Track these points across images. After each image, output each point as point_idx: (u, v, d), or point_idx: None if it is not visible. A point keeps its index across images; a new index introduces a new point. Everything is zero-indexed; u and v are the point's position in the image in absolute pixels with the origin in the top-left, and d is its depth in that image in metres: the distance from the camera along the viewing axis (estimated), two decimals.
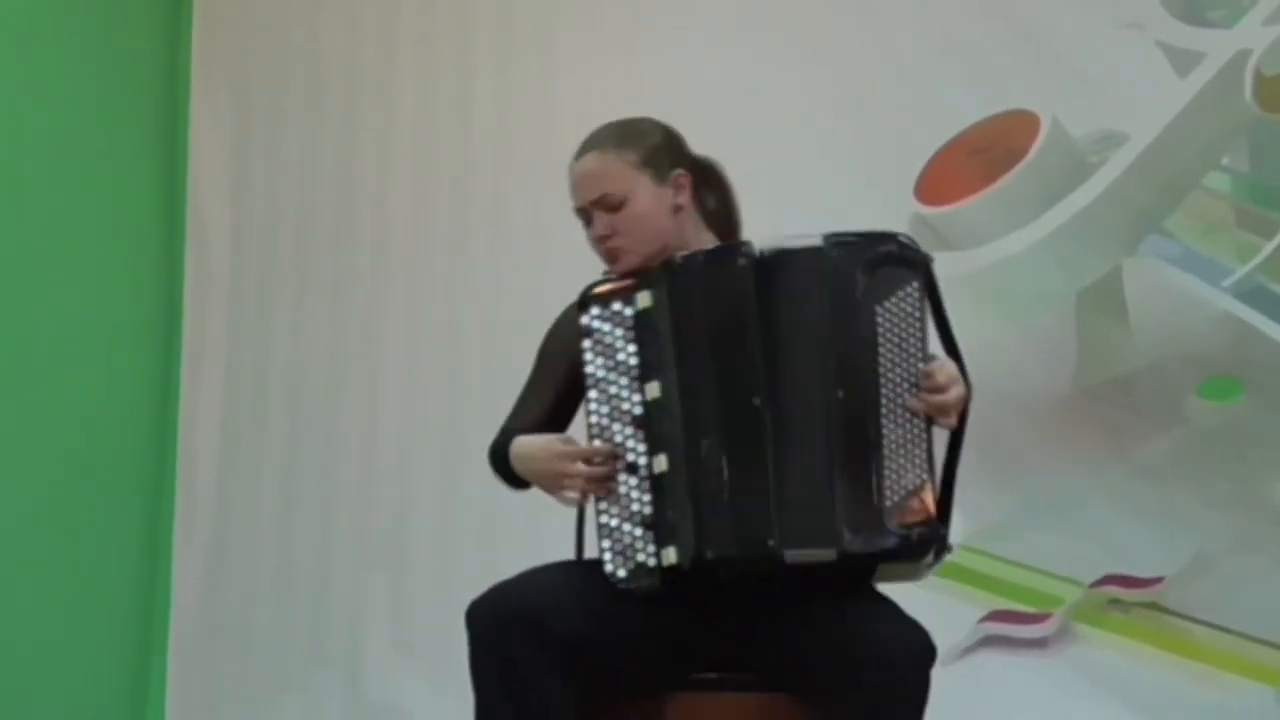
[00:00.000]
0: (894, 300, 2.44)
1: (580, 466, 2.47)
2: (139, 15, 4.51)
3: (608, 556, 2.46)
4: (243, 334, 4.50)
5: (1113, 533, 3.64)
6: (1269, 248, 3.63)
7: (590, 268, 2.69)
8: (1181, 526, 3.64)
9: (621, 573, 2.45)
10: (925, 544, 2.43)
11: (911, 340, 2.44)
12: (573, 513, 2.71)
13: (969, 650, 3.72)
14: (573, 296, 2.79)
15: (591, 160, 2.63)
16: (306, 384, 4.44)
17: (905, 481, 2.41)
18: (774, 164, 3.90)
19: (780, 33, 4.08)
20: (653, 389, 2.47)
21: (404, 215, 4.42)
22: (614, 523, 2.46)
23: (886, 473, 2.41)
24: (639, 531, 2.45)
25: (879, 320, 2.43)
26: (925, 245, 3.83)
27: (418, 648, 4.24)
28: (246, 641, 4.38)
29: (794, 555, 2.40)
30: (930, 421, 2.44)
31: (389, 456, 4.35)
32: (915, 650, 2.36)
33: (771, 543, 2.40)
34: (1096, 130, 3.77)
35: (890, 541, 2.40)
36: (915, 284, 2.45)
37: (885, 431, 2.41)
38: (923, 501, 2.42)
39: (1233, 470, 3.64)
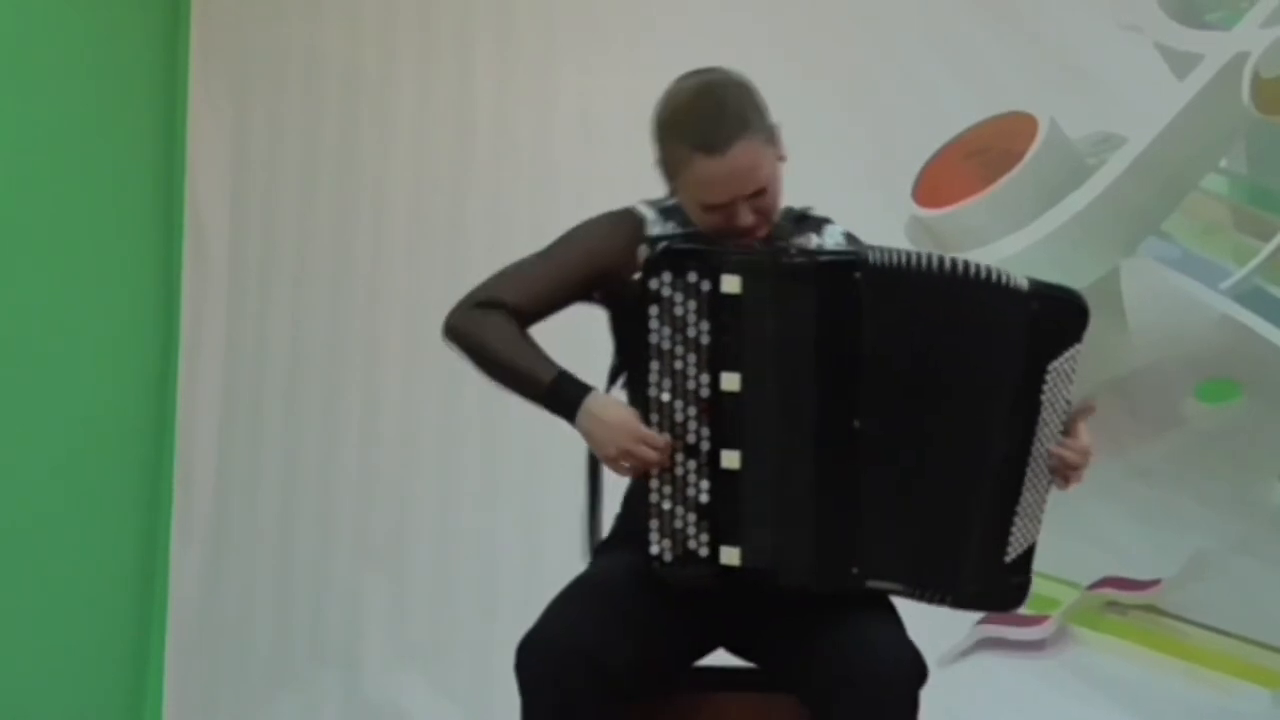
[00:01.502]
0: (1061, 360, 2.35)
1: (651, 453, 2.36)
2: (138, 13, 4.50)
3: (654, 538, 2.36)
4: (241, 333, 4.50)
5: (1110, 535, 3.64)
6: (1267, 250, 3.63)
7: None
8: (1179, 529, 3.64)
9: (668, 556, 2.36)
10: (1022, 597, 2.43)
11: (1062, 399, 2.37)
12: (573, 511, 2.70)
13: (966, 652, 3.73)
14: (640, 206, 2.70)
15: (747, 150, 2.40)
16: (305, 383, 4.43)
17: (1024, 539, 2.38)
18: None
19: (780, 33, 4.08)
20: (731, 380, 2.34)
21: (404, 214, 4.42)
22: (666, 505, 2.37)
23: (1014, 530, 2.37)
24: (692, 518, 2.36)
25: (1047, 380, 2.34)
26: (922, 247, 3.86)
27: (416, 647, 4.24)
28: (245, 641, 4.37)
29: (875, 585, 2.36)
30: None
31: (388, 456, 4.35)
32: (906, 668, 2.32)
33: (856, 571, 2.33)
34: (1094, 132, 3.77)
35: (1000, 599, 2.42)
36: (1079, 345, 2.36)
37: (1025, 491, 2.36)
38: (1029, 559, 2.40)
39: (1230, 472, 3.65)
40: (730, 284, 2.34)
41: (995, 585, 2.39)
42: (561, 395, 2.44)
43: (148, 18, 4.53)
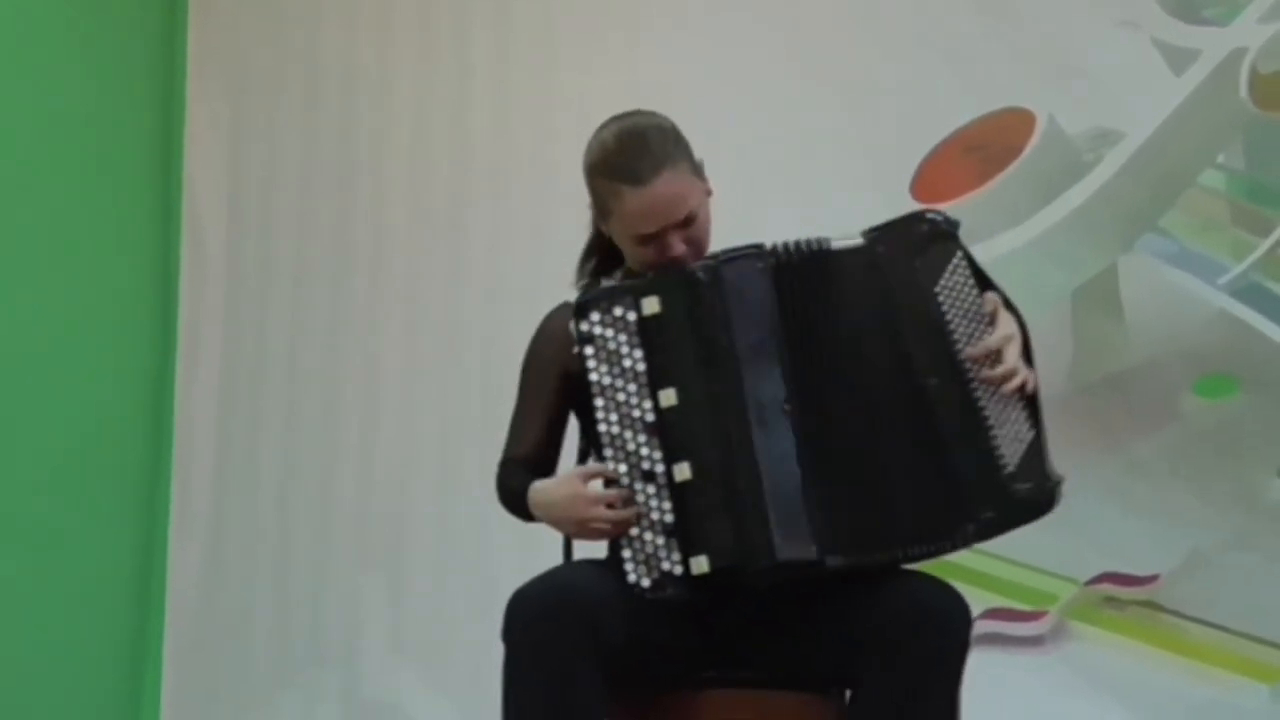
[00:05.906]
0: (946, 276, 2.44)
1: (605, 511, 2.41)
2: (136, 13, 4.51)
3: (629, 566, 2.41)
4: (239, 333, 4.51)
5: (1108, 530, 3.64)
6: (1264, 245, 3.63)
7: None
8: (1177, 524, 3.64)
9: (646, 582, 2.40)
10: (1051, 496, 2.42)
11: (973, 308, 2.44)
12: None
13: None
14: (572, 297, 2.78)
15: (671, 180, 2.50)
16: (303, 383, 4.44)
17: (1017, 445, 2.41)
18: (771, 162, 3.91)
19: (779, 32, 4.08)
20: (667, 396, 2.42)
21: (402, 215, 4.43)
22: (635, 531, 2.41)
23: (998, 442, 2.40)
24: (661, 540, 2.40)
25: (941, 300, 2.42)
26: None
27: (414, 647, 4.24)
28: (243, 640, 4.38)
29: (858, 560, 2.39)
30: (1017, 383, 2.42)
31: (386, 456, 4.35)
32: (958, 606, 2.37)
33: (815, 549, 2.37)
34: (1092, 128, 3.77)
35: (1025, 508, 2.41)
36: (959, 254, 2.45)
37: (982, 404, 2.40)
38: (1039, 461, 2.42)
39: (1228, 468, 3.64)
40: (650, 305, 2.45)
41: (1011, 498, 2.39)
42: (520, 506, 2.56)
43: (146, 18, 4.55)
